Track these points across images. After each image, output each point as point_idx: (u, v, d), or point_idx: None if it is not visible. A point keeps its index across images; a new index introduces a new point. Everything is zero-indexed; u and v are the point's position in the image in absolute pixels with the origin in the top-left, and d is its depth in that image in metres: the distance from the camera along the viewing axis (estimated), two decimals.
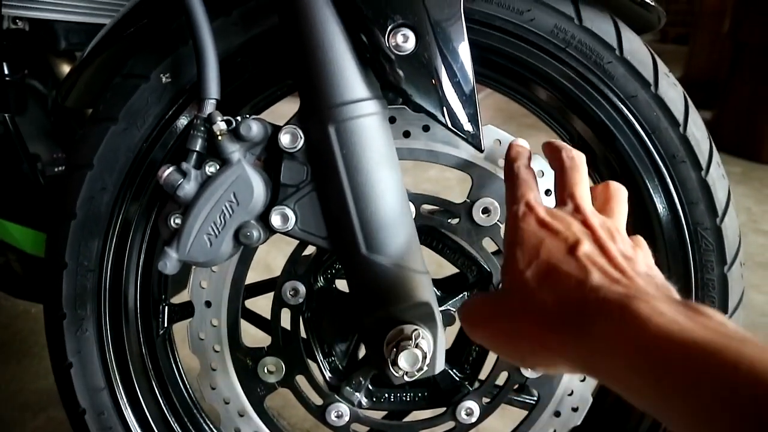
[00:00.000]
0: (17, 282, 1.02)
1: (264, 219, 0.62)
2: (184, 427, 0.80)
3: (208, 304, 0.72)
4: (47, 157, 1.07)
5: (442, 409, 0.76)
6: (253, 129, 0.59)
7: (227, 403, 0.76)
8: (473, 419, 0.75)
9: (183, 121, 0.71)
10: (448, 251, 0.72)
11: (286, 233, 0.62)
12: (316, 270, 0.73)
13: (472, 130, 0.60)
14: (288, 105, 0.72)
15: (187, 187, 0.60)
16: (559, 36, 0.69)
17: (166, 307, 0.79)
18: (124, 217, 0.73)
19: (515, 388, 0.76)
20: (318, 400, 0.76)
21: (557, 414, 0.76)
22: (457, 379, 0.76)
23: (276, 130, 0.61)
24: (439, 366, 0.64)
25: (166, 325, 0.79)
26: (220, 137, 0.60)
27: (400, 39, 0.57)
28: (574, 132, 0.77)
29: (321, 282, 0.73)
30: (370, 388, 0.76)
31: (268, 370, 0.74)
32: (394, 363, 0.59)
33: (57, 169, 1.08)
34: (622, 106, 0.70)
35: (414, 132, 0.68)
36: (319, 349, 0.75)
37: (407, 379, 0.60)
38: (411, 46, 0.57)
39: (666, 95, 0.70)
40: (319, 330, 0.73)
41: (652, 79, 0.70)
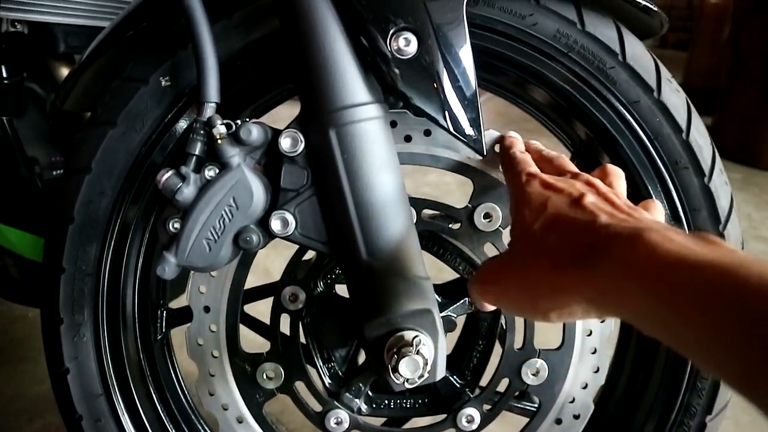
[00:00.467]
0: (14, 287, 1.01)
1: (264, 224, 0.61)
2: None
3: (207, 309, 0.71)
4: (45, 160, 1.07)
5: (443, 416, 0.75)
6: (253, 133, 0.59)
7: (226, 409, 0.75)
8: (474, 426, 0.74)
9: (182, 125, 0.71)
10: (449, 256, 0.71)
11: (286, 238, 0.61)
12: (315, 275, 0.72)
13: (473, 134, 0.59)
14: (289, 109, 0.72)
15: (186, 192, 0.59)
16: (562, 41, 0.68)
17: (165, 312, 0.78)
18: (123, 221, 0.72)
19: (516, 394, 0.75)
20: (317, 407, 0.75)
21: (558, 421, 0.75)
22: (457, 385, 0.75)
23: (276, 134, 0.61)
24: (440, 373, 0.63)
25: (164, 330, 0.78)
26: (219, 141, 0.59)
27: (402, 43, 0.57)
28: (576, 137, 0.76)
29: (321, 287, 0.72)
30: (370, 394, 0.76)
31: (267, 376, 0.74)
32: (395, 370, 0.58)
33: (55, 173, 1.07)
34: (625, 112, 0.70)
35: (415, 136, 0.67)
36: (318, 355, 0.75)
37: (408, 386, 0.59)
38: (413, 50, 0.57)
39: (669, 101, 0.70)
40: (319, 336, 0.72)
41: (654, 85, 0.69)
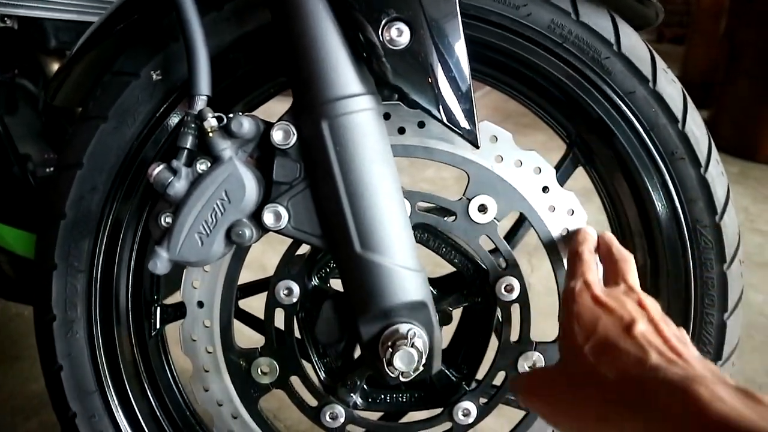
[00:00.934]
0: (8, 284, 1.00)
1: (256, 217, 0.60)
2: (177, 430, 0.78)
3: (201, 304, 0.71)
4: (38, 157, 1.06)
5: (439, 410, 0.75)
6: (245, 125, 0.58)
7: (220, 405, 0.74)
8: (470, 420, 0.74)
9: (174, 119, 0.70)
10: (444, 249, 0.71)
11: (279, 232, 0.61)
12: (310, 269, 0.71)
13: (467, 126, 0.59)
14: (281, 104, 0.71)
15: (178, 186, 0.59)
16: (556, 31, 0.68)
17: (159, 308, 0.78)
18: (115, 216, 0.71)
19: None
20: (313, 402, 0.74)
21: None
22: (453, 379, 0.75)
23: (268, 126, 0.60)
24: (436, 366, 0.63)
25: (158, 326, 0.78)
26: (211, 134, 0.59)
27: (394, 33, 0.56)
28: (571, 129, 0.76)
29: (315, 281, 0.72)
30: (366, 388, 0.75)
31: (261, 371, 0.73)
32: (390, 363, 0.58)
33: (48, 170, 1.06)
34: (620, 103, 0.69)
35: (409, 128, 0.67)
36: (313, 350, 0.74)
37: (403, 379, 0.59)
38: (405, 40, 0.56)
39: (664, 91, 0.69)
40: (314, 330, 0.72)
41: (650, 75, 0.69)
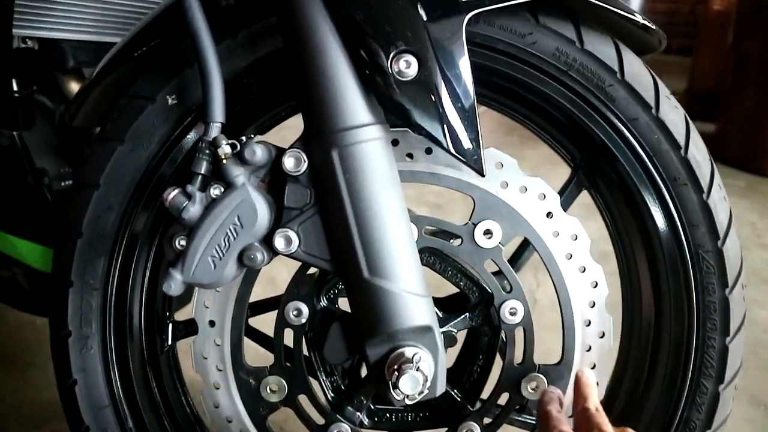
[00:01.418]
0: (23, 296, 1.02)
1: (268, 241, 0.62)
2: None
3: (212, 323, 0.73)
4: (54, 171, 1.08)
5: (444, 430, 0.76)
6: (258, 153, 0.60)
7: (230, 421, 0.76)
8: None
9: (189, 141, 0.72)
10: (450, 272, 0.73)
11: (289, 255, 0.62)
12: (318, 290, 0.73)
13: (474, 156, 0.60)
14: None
15: (192, 210, 0.61)
16: (561, 59, 0.69)
17: (171, 325, 0.80)
18: (130, 236, 0.73)
19: (517, 408, 0.76)
20: (320, 420, 0.76)
21: None
22: (458, 399, 0.76)
23: (280, 152, 0.62)
24: (440, 388, 0.64)
25: (170, 342, 0.80)
26: (224, 161, 0.60)
27: (402, 65, 0.58)
28: (576, 153, 0.77)
29: (324, 302, 0.74)
30: (372, 407, 0.77)
31: (270, 389, 0.75)
32: (395, 386, 0.59)
33: (64, 184, 1.09)
34: (624, 129, 0.70)
35: (417, 154, 0.69)
36: (321, 368, 0.76)
37: (408, 401, 0.60)
38: (413, 72, 0.58)
39: (667, 118, 0.70)
40: (322, 350, 0.73)
41: (653, 102, 0.70)
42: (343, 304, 0.71)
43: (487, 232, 0.69)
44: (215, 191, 0.62)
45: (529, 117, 0.77)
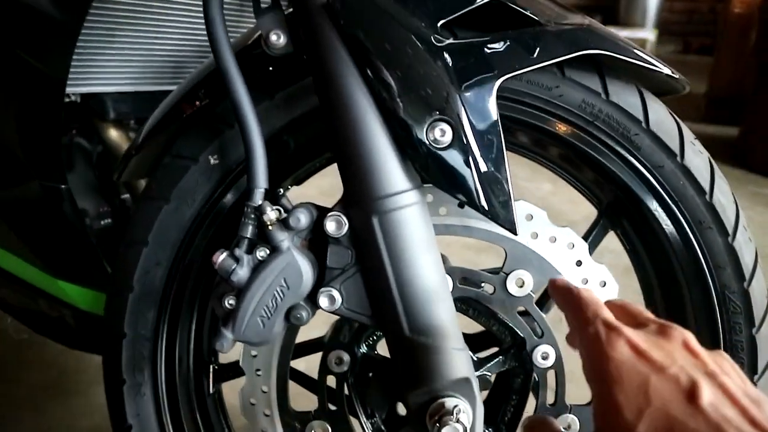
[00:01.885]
0: (70, 334, 1.07)
1: (312, 299, 0.66)
2: None
3: (258, 372, 0.76)
4: (94, 212, 1.12)
5: None
6: (302, 221, 0.64)
7: None
8: None
9: (230, 198, 0.76)
10: (483, 318, 0.75)
11: (333, 312, 0.66)
12: (359, 337, 0.76)
13: (506, 216, 0.63)
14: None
15: (241, 273, 0.64)
16: (587, 110, 0.71)
17: (215, 368, 0.84)
18: (178, 288, 0.77)
19: None
20: None
21: None
22: None
23: (321, 213, 0.65)
24: None
25: (215, 385, 0.84)
26: (270, 227, 0.64)
27: (438, 134, 0.60)
28: (602, 197, 0.79)
29: (364, 348, 0.77)
30: None
31: None
32: None
33: (103, 222, 1.13)
34: (650, 176, 0.72)
35: (450, 209, 0.72)
36: (361, 410, 0.79)
37: None
38: (448, 139, 0.61)
39: (692, 164, 0.72)
40: (363, 394, 0.77)
41: (678, 149, 0.72)
42: (382, 347, 0.75)
43: (519, 282, 0.71)
44: (261, 253, 0.65)
45: (556, 163, 0.80)
